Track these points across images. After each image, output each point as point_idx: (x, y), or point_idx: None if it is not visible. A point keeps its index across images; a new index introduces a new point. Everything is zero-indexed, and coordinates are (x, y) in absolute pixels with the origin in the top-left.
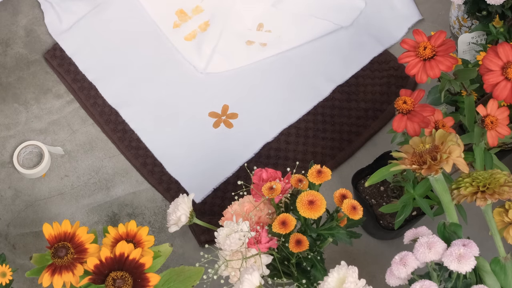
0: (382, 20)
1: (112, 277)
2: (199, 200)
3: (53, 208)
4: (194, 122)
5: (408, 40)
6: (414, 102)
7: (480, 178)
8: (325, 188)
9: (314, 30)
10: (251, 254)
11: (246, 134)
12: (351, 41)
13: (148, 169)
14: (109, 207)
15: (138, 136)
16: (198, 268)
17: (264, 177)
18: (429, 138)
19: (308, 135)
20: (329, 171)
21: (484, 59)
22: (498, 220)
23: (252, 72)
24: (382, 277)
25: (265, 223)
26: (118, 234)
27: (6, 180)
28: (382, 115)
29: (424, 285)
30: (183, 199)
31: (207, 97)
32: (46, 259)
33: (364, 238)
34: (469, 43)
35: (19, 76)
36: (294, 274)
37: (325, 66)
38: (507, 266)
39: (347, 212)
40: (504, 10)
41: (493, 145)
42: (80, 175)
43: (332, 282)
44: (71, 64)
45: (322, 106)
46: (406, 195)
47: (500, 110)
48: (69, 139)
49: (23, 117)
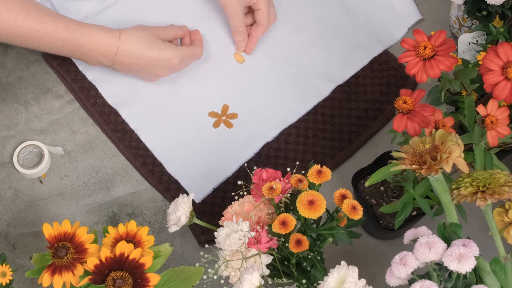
0: (382, 20)
1: (112, 277)
2: (199, 200)
3: (53, 208)
4: (194, 122)
5: (408, 40)
6: (414, 102)
7: (480, 178)
8: (325, 188)
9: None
10: (251, 254)
11: (246, 134)
12: (351, 41)
13: (148, 169)
14: (109, 207)
15: (138, 136)
16: (198, 268)
17: (264, 177)
18: (429, 138)
19: (308, 135)
20: (329, 171)
21: (484, 59)
22: (498, 220)
23: (252, 72)
24: (382, 277)
25: (265, 223)
26: (118, 234)
27: (6, 180)
28: (382, 115)
29: (424, 285)
30: (183, 199)
31: (207, 97)
32: (46, 259)
33: (364, 238)
34: (469, 43)
35: (19, 76)
36: (294, 274)
37: (325, 66)
38: (507, 266)
39: (347, 212)
40: (504, 10)
41: (493, 145)
42: (80, 175)
43: (332, 282)
44: (71, 64)
45: (322, 106)
46: (406, 195)
47: (500, 110)
48: (69, 139)
49: (23, 117)
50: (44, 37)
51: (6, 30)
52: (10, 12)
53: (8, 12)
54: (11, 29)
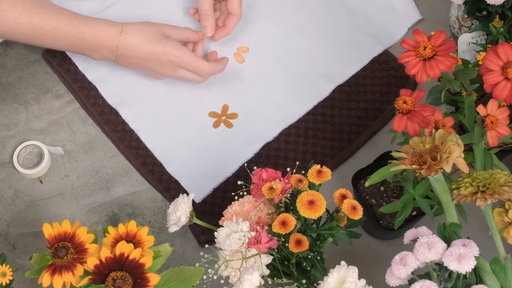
0: (382, 20)
1: (112, 277)
2: (199, 200)
3: (53, 208)
4: (194, 122)
5: (408, 40)
6: (414, 102)
7: (480, 178)
8: (325, 188)
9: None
10: (251, 254)
11: (246, 134)
12: (351, 41)
13: (148, 169)
14: (109, 207)
15: (138, 136)
16: (198, 268)
17: (264, 177)
18: (429, 138)
19: (308, 135)
20: (329, 171)
21: (484, 59)
22: (498, 220)
23: (252, 72)
24: (382, 277)
25: (265, 223)
26: (118, 234)
27: (6, 180)
28: (382, 115)
29: (424, 285)
30: (183, 199)
31: (207, 97)
32: (46, 259)
33: (364, 238)
34: (469, 43)
35: (19, 76)
36: (294, 274)
37: (325, 66)
38: (507, 266)
39: (347, 212)
40: (504, 10)
41: (493, 145)
42: (80, 175)
43: (332, 282)
44: (71, 64)
45: (322, 106)
46: (406, 195)
47: (500, 110)
48: (69, 139)
49: (23, 117)
50: (47, 33)
51: (10, 27)
52: (13, 10)
53: (12, 10)
54: (14, 27)
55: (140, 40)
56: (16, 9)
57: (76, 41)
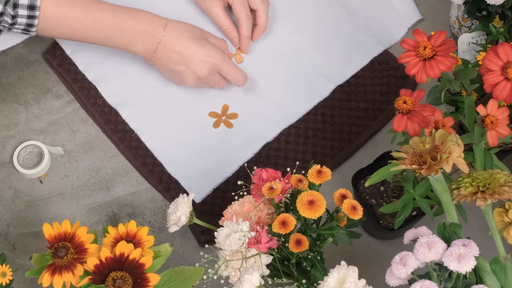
0: (382, 20)
1: (112, 277)
2: (199, 200)
3: (53, 208)
4: (194, 122)
5: (408, 40)
6: (414, 102)
7: (480, 178)
8: (325, 188)
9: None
10: (251, 254)
11: (246, 134)
12: (351, 41)
13: (148, 169)
14: (109, 207)
15: (138, 136)
16: (198, 268)
17: (264, 177)
18: (429, 138)
19: (308, 135)
20: (329, 171)
21: (484, 59)
22: (498, 220)
23: (252, 72)
24: (382, 277)
25: (265, 223)
26: (118, 234)
27: (6, 180)
28: (382, 115)
29: (424, 285)
30: (183, 199)
31: (207, 97)
32: (46, 259)
33: (364, 238)
34: (469, 43)
35: (19, 76)
36: (294, 274)
37: (325, 66)
38: (507, 266)
39: (347, 212)
40: (504, 10)
41: (493, 145)
42: (80, 175)
43: (332, 282)
44: (71, 64)
45: (322, 106)
46: (406, 195)
47: (500, 110)
48: (69, 139)
49: (23, 117)
50: (90, 24)
51: (53, 23)
52: (55, 6)
53: (53, 6)
54: (57, 23)
55: (183, 36)
56: (59, 5)
57: (119, 31)
